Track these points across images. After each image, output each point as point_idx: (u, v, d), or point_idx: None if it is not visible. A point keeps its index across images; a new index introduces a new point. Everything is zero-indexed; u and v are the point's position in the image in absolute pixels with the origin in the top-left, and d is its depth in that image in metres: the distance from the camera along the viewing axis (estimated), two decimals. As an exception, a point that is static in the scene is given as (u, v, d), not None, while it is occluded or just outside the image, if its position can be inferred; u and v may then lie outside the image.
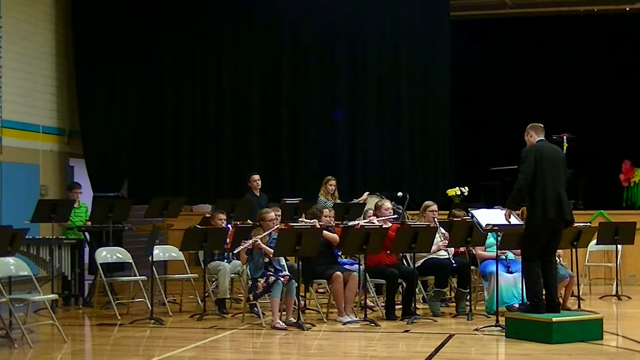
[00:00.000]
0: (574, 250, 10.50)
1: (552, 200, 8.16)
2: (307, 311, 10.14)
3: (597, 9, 15.30)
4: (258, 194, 12.59)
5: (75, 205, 11.58)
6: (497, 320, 8.69)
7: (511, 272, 9.60)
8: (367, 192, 12.81)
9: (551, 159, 8.33)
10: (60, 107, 15.16)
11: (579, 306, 10.09)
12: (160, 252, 10.67)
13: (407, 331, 8.83)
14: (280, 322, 8.95)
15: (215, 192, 14.69)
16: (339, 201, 12.46)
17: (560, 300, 9.05)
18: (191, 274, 10.78)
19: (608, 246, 11.71)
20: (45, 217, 10.56)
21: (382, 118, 14.75)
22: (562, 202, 8.23)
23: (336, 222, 10.30)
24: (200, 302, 10.25)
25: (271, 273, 9.11)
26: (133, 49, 15.37)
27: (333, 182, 12.56)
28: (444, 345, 8.01)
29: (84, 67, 15.32)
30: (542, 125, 8.54)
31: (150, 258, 10.13)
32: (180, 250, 10.50)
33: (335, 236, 9.68)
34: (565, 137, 13.51)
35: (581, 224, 10.31)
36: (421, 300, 10.49)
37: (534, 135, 8.47)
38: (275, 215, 9.82)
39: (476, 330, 8.68)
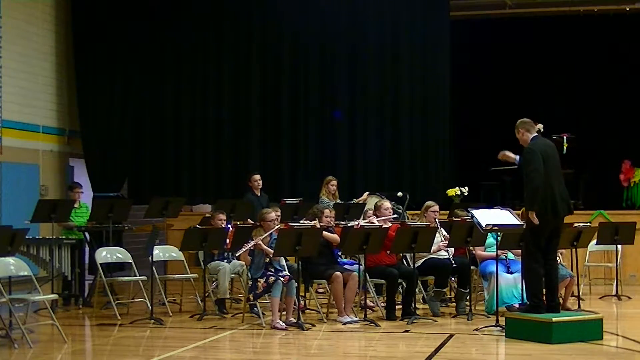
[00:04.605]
0: (574, 250, 10.50)
1: (560, 197, 8.18)
2: (307, 311, 10.14)
3: (597, 9, 15.30)
4: (259, 194, 12.57)
5: (76, 205, 11.58)
6: (497, 320, 8.69)
7: (511, 272, 9.61)
8: (367, 192, 12.80)
9: (552, 155, 8.35)
10: (60, 107, 15.16)
11: (579, 306, 10.09)
12: (160, 252, 10.67)
13: (407, 331, 8.82)
14: (280, 322, 8.95)
15: (215, 192, 14.69)
16: (339, 201, 12.46)
17: (560, 300, 9.05)
18: (191, 274, 10.78)
19: (608, 246, 11.71)
20: (45, 217, 10.55)
21: (382, 118, 14.75)
22: (567, 198, 8.28)
23: (336, 222, 10.30)
24: (200, 302, 10.25)
25: (271, 273, 9.11)
26: (133, 49, 15.38)
27: (334, 182, 12.56)
28: (444, 345, 8.01)
29: (84, 67, 15.33)
30: (531, 121, 8.51)
31: (150, 258, 10.13)
32: (180, 250, 10.50)
33: (336, 236, 9.68)
34: (565, 137, 13.50)
35: (581, 224, 10.32)
36: (421, 300, 10.49)
37: (526, 133, 8.44)
38: (276, 215, 9.82)
39: (476, 330, 8.68)
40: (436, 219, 10.11)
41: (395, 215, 11.10)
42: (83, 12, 15.29)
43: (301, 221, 9.75)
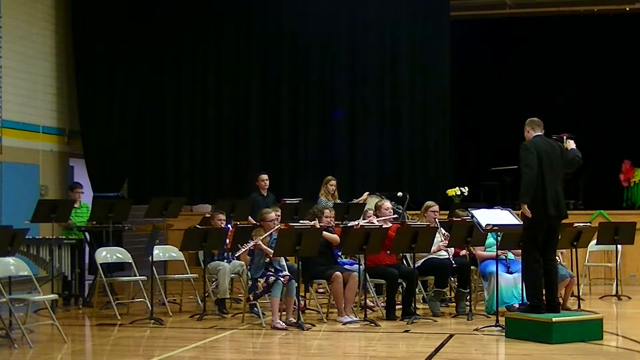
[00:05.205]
0: (574, 250, 10.50)
1: (551, 197, 8.17)
2: (307, 311, 10.14)
3: (597, 9, 15.30)
4: (265, 194, 12.52)
5: (76, 205, 11.57)
6: (497, 320, 8.69)
7: (511, 272, 9.60)
8: (367, 192, 12.81)
9: (548, 154, 8.35)
10: (60, 107, 15.16)
11: (579, 306, 10.09)
12: (160, 252, 10.67)
13: (407, 331, 8.83)
14: (280, 322, 8.96)
15: (215, 192, 14.69)
16: (339, 201, 12.46)
17: (560, 300, 9.05)
18: (191, 274, 10.79)
19: (608, 246, 11.70)
20: (45, 217, 10.55)
21: (382, 118, 14.75)
22: (559, 199, 8.26)
23: (336, 222, 10.29)
24: (200, 302, 10.25)
25: (271, 273, 9.11)
26: (133, 49, 15.38)
27: (333, 182, 12.56)
28: (444, 345, 8.01)
29: (84, 67, 15.33)
30: (539, 120, 8.58)
31: (150, 258, 10.14)
32: (180, 250, 10.49)
33: (336, 236, 9.68)
34: (565, 137, 13.47)
35: (581, 224, 10.31)
36: (421, 300, 10.48)
37: (531, 131, 8.52)
38: (276, 215, 9.82)
39: (476, 330, 8.68)
40: (436, 219, 10.11)
41: (396, 215, 11.10)
42: (83, 12, 15.29)
43: (301, 221, 9.75)
